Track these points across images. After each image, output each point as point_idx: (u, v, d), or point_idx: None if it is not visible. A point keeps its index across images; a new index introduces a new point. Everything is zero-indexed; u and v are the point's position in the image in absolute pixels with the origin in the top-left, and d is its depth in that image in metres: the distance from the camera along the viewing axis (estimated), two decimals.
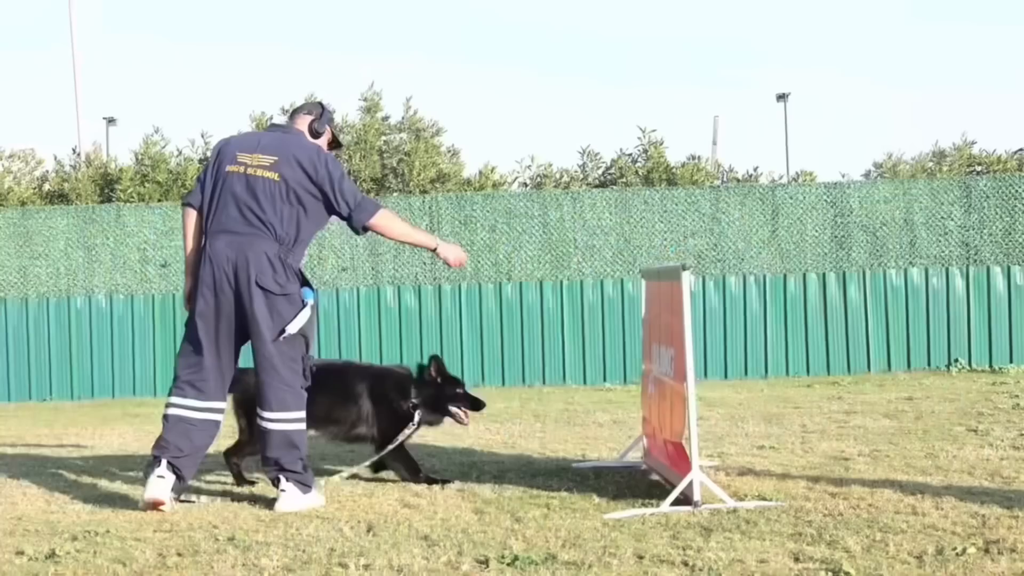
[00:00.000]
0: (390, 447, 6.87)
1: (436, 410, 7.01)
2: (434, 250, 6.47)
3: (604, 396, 12.83)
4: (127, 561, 4.94)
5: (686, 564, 4.63)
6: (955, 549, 4.69)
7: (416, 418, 6.91)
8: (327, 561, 4.87)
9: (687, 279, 5.96)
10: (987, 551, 4.67)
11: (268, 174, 6.17)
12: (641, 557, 4.78)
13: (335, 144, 6.76)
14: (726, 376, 14.56)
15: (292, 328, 6.14)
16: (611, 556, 4.79)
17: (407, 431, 6.90)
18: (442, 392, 7.02)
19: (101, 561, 4.94)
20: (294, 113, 6.63)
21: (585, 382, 14.62)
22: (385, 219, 6.32)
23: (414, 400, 6.93)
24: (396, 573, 4.66)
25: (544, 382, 14.68)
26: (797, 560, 4.65)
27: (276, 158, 6.19)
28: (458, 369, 14.78)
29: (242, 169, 6.21)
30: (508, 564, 4.71)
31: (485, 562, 4.76)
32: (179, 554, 5.06)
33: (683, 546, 4.94)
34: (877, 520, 5.32)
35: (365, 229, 6.30)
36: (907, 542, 4.86)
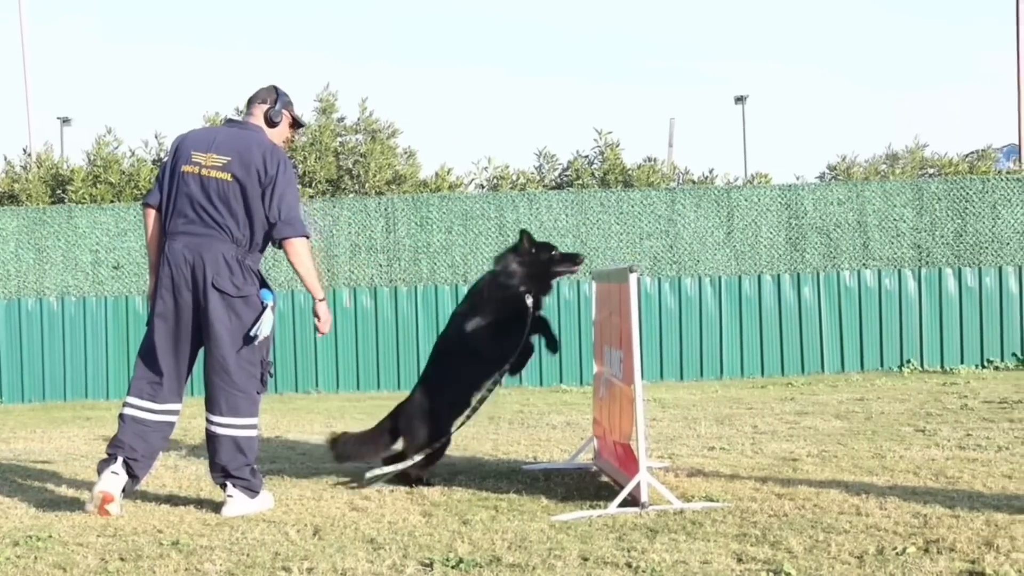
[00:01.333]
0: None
1: (544, 281, 6.92)
2: (318, 300, 6.29)
3: (559, 398, 12.84)
4: (68, 567, 4.89)
5: (629, 566, 4.64)
6: (895, 549, 4.73)
7: (530, 302, 6.84)
8: (271, 565, 4.84)
9: (635, 281, 5.97)
10: (927, 551, 4.71)
11: (221, 175, 6.10)
12: (586, 559, 4.78)
13: (296, 125, 6.64)
14: (681, 377, 14.60)
15: (263, 332, 6.10)
16: (556, 558, 4.79)
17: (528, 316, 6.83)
18: (541, 261, 6.90)
19: (41, 567, 4.89)
20: (250, 102, 6.51)
21: (541, 383, 14.61)
22: (302, 247, 6.17)
23: (522, 288, 6.84)
24: None
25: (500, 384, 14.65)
26: (740, 561, 4.67)
27: (229, 158, 6.12)
28: (416, 371, 14.81)
29: (196, 170, 6.15)
30: (452, 567, 4.70)
31: (430, 565, 4.75)
32: (121, 559, 5.02)
33: (628, 548, 4.94)
34: (821, 521, 5.35)
35: (280, 245, 6.17)
36: (849, 542, 4.89)
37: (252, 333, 6.07)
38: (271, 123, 6.40)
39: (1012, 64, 19.15)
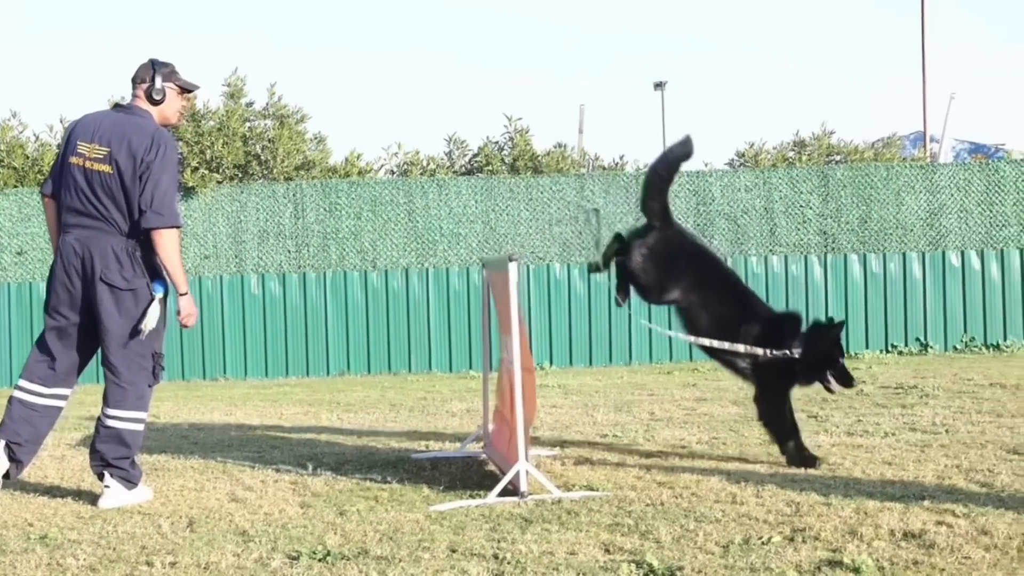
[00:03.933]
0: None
1: (815, 368, 6.89)
2: (180, 294, 6.10)
3: (465, 384, 12.80)
4: None
5: (496, 557, 4.62)
6: (761, 538, 4.76)
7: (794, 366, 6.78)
8: (135, 560, 4.76)
9: (514, 269, 5.96)
10: (792, 539, 4.74)
11: (102, 167, 5.98)
12: (454, 551, 4.76)
13: (185, 91, 6.42)
14: (590, 363, 14.64)
15: (148, 325, 5.99)
16: (424, 550, 4.77)
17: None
18: (827, 354, 6.88)
19: None
20: (133, 84, 6.33)
21: (451, 369, 14.61)
22: (170, 238, 5.98)
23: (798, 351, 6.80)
24: (202, 571, 4.58)
25: (410, 369, 14.63)
26: (607, 551, 4.68)
27: (109, 149, 6.00)
28: (324, 357, 14.74)
29: (81, 161, 6.03)
30: (319, 560, 4.66)
31: (296, 558, 4.71)
32: None
33: (499, 539, 4.93)
34: (695, 510, 5.37)
35: (147, 233, 5.99)
36: (717, 532, 4.92)
37: (139, 327, 5.98)
38: (154, 101, 6.24)
39: (918, 54, 19.42)
